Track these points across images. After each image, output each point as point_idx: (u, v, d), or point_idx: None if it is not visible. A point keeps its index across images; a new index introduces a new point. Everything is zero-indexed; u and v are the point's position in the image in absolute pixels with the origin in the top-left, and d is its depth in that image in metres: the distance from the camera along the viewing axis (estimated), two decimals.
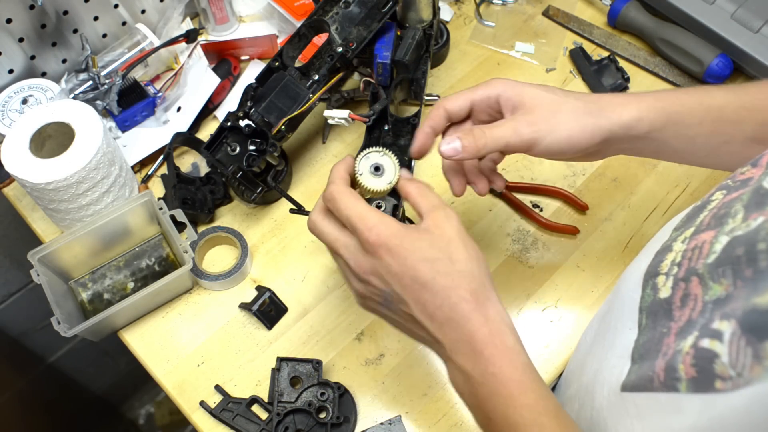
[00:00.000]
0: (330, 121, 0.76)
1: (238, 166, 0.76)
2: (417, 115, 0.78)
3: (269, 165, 0.80)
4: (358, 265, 0.51)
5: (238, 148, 0.77)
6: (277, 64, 0.79)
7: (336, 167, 0.56)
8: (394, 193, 0.59)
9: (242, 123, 0.76)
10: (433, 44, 0.87)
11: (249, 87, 0.77)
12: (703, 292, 0.38)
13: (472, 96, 0.59)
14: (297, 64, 0.79)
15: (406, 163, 0.70)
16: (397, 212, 0.64)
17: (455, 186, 0.63)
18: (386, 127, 0.77)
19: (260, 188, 0.79)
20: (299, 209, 0.77)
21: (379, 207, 0.68)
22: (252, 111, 0.76)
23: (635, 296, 0.47)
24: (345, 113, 0.75)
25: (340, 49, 0.77)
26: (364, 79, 0.84)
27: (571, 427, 0.46)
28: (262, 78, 0.78)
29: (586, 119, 0.56)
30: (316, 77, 0.78)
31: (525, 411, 0.45)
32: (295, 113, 0.77)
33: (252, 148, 0.76)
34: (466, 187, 0.63)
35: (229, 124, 0.76)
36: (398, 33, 0.83)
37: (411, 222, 0.76)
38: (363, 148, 0.76)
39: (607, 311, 0.55)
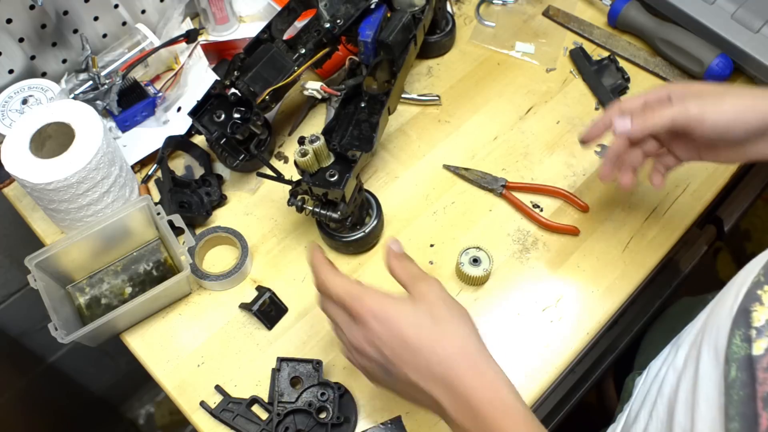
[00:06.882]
0: (305, 92, 0.80)
1: (222, 133, 0.78)
2: (387, 93, 0.79)
3: (252, 133, 0.81)
4: (353, 336, 0.54)
5: (223, 116, 0.79)
6: (265, 35, 0.81)
7: (314, 257, 0.58)
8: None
9: (228, 92, 0.78)
10: (423, 31, 0.87)
11: (237, 56, 0.79)
12: None
13: (646, 96, 0.66)
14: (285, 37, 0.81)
15: None
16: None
17: (624, 179, 0.70)
18: (362, 104, 0.79)
19: (243, 155, 0.81)
20: (278, 177, 0.77)
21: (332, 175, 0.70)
22: (238, 80, 0.78)
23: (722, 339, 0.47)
24: (317, 85, 0.80)
25: (327, 25, 0.80)
26: (350, 57, 0.85)
27: None
28: (250, 49, 0.80)
29: (754, 99, 0.59)
30: (303, 51, 0.81)
31: None
32: (280, 84, 0.79)
33: (236, 116, 0.79)
34: (635, 179, 0.71)
35: (215, 91, 0.78)
36: (388, 15, 0.84)
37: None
38: (331, 120, 0.78)
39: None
